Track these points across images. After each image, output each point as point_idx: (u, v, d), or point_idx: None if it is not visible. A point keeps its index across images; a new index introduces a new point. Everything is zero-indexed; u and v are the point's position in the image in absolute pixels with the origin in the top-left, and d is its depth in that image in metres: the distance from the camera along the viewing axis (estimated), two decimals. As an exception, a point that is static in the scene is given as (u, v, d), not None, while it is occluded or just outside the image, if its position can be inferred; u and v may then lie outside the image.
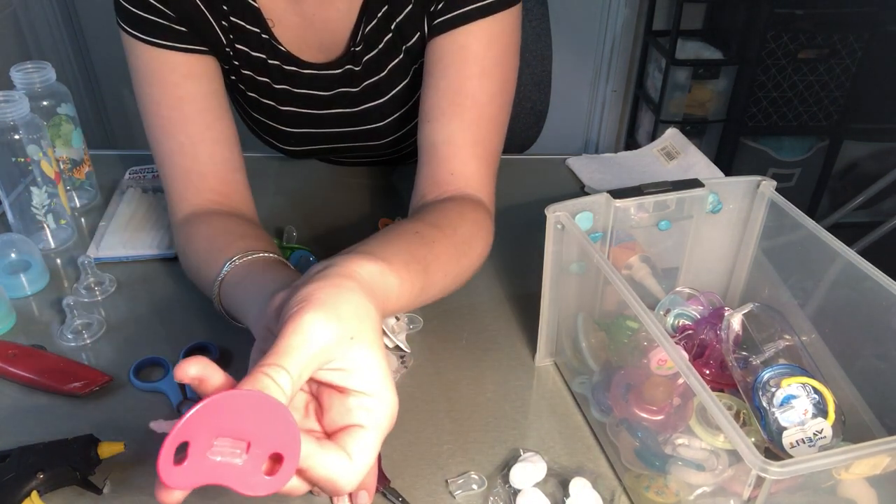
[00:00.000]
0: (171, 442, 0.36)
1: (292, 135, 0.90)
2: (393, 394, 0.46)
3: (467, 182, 0.74)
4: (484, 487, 0.60)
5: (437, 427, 0.66)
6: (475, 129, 0.74)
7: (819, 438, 0.53)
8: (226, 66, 0.80)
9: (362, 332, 0.45)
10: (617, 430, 0.61)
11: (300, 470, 0.41)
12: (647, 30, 2.38)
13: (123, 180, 1.00)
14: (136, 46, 0.73)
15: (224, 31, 0.76)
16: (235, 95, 0.87)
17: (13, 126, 0.79)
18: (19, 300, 0.79)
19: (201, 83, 0.75)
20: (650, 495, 0.56)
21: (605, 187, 0.65)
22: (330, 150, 0.95)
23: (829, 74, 2.16)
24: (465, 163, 0.74)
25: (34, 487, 0.56)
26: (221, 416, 0.37)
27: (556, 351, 0.73)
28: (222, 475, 0.38)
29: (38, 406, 0.67)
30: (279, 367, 0.41)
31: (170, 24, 0.72)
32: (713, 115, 2.32)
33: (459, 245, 0.66)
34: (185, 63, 0.74)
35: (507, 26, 0.74)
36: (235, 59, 0.79)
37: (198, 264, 0.71)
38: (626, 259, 0.70)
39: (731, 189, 0.69)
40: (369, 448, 0.44)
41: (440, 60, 0.75)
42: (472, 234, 0.69)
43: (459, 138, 0.74)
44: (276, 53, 0.80)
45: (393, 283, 0.53)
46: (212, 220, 0.74)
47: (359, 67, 0.82)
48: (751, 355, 0.60)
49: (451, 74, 0.74)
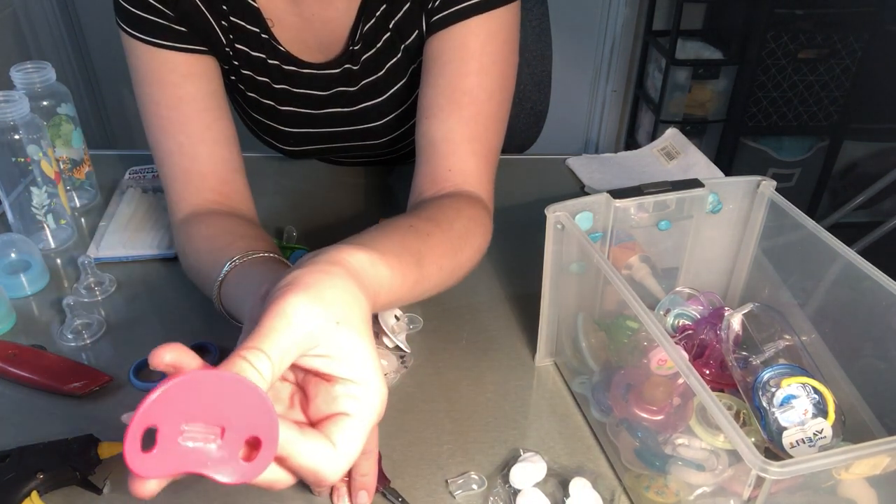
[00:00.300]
0: (137, 426, 0.34)
1: (291, 134, 0.90)
2: (381, 382, 0.44)
3: (465, 179, 0.74)
4: (484, 487, 0.60)
5: (437, 427, 0.66)
6: (473, 126, 0.74)
7: (819, 438, 0.53)
8: (225, 65, 0.80)
9: (349, 317, 0.44)
10: (617, 430, 0.61)
11: (281, 458, 0.40)
12: (647, 30, 2.38)
13: (123, 180, 1.00)
14: (136, 47, 0.73)
15: (224, 31, 0.76)
16: (235, 95, 0.87)
17: (13, 126, 0.79)
18: (19, 300, 0.79)
19: (201, 83, 0.75)
20: (650, 495, 0.56)
21: (605, 187, 0.65)
22: (328, 150, 0.95)
23: (829, 74, 2.16)
24: (464, 160, 0.74)
25: (34, 487, 0.56)
26: (191, 399, 0.35)
27: (556, 351, 0.73)
28: (196, 462, 0.36)
29: (38, 406, 0.67)
30: (258, 351, 0.39)
31: (169, 24, 0.72)
32: (713, 115, 2.32)
33: (455, 240, 0.65)
34: (185, 63, 0.74)
35: (505, 23, 0.74)
36: (235, 59, 0.79)
37: (198, 264, 0.71)
38: (626, 259, 0.70)
39: (731, 189, 0.69)
40: (355, 437, 0.43)
41: (439, 58, 0.75)
42: (468, 230, 0.68)
43: (458, 135, 0.74)
44: (275, 53, 0.80)
45: (384, 273, 0.52)
46: (212, 220, 0.73)
47: (357, 66, 0.82)
48: (751, 355, 0.60)
49: (449, 72, 0.74)
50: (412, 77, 0.83)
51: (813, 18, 2.08)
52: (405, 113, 0.88)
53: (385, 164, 1.08)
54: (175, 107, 0.74)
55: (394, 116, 0.88)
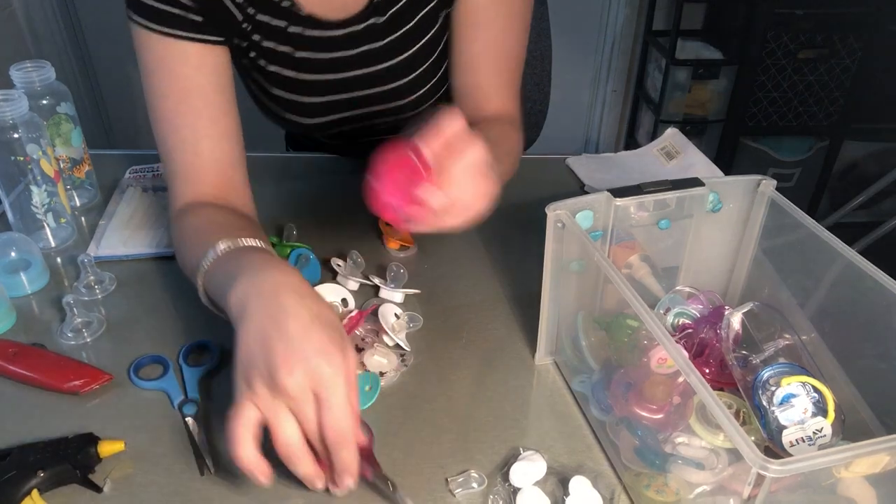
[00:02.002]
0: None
1: (314, 105, 0.90)
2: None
3: (501, 108, 0.87)
4: (484, 486, 0.60)
5: (437, 426, 0.66)
6: (508, 74, 0.87)
7: (819, 437, 0.54)
8: (244, 43, 0.81)
9: None
10: (617, 428, 0.61)
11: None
12: (647, 30, 2.38)
13: (123, 179, 1.00)
14: (148, 38, 0.73)
15: (239, 6, 0.77)
16: (253, 76, 0.88)
17: (12, 125, 0.79)
18: (19, 299, 0.79)
19: (211, 76, 0.75)
20: (650, 494, 0.56)
21: (605, 187, 0.65)
22: (351, 120, 0.96)
23: (829, 74, 2.16)
24: (498, 103, 0.87)
25: (35, 486, 0.56)
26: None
27: (556, 350, 0.73)
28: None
29: (38, 404, 0.67)
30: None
31: (184, 14, 0.72)
32: (713, 115, 2.32)
33: (494, 141, 0.74)
34: (197, 54, 0.74)
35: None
36: (255, 33, 0.80)
37: (186, 256, 0.71)
38: (626, 258, 0.70)
39: (732, 188, 0.69)
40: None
41: (482, 13, 0.84)
42: (502, 134, 0.83)
43: (494, 83, 0.87)
44: (297, 19, 0.81)
45: None
46: (204, 212, 0.74)
47: (383, 19, 0.83)
48: (750, 354, 0.60)
49: (495, 28, 0.84)
50: (441, 28, 0.87)
51: (813, 18, 2.08)
52: (431, 67, 0.90)
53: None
54: (183, 99, 0.74)
55: (419, 73, 0.90)
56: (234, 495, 0.59)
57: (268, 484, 0.53)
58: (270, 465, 0.53)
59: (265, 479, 0.52)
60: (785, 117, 2.24)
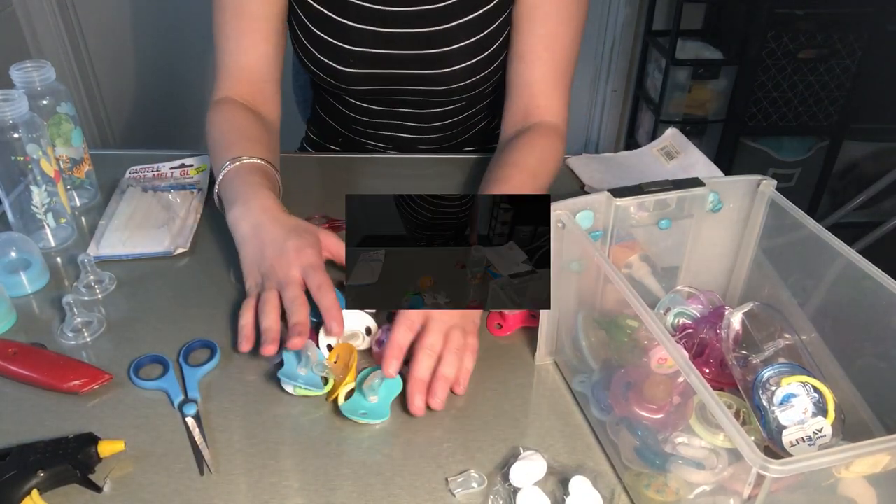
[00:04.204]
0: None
1: (354, 54, 0.94)
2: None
3: (550, 112, 0.91)
4: (484, 486, 0.60)
5: (436, 426, 0.66)
6: (562, 70, 0.91)
7: (819, 437, 0.54)
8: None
9: None
10: (617, 428, 0.61)
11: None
12: (647, 30, 2.38)
13: (123, 179, 1.00)
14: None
15: None
16: (297, 11, 0.95)
17: (12, 125, 0.79)
18: (19, 299, 0.79)
19: (263, 4, 0.90)
20: (650, 494, 0.56)
21: (605, 187, 0.65)
22: (388, 79, 0.98)
23: (829, 74, 2.16)
24: (551, 98, 0.92)
25: (34, 486, 0.56)
26: None
27: (556, 350, 0.73)
28: None
29: (38, 404, 0.67)
30: None
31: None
32: (713, 115, 2.32)
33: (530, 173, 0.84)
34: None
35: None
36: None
37: (210, 150, 0.89)
38: (627, 258, 0.70)
39: (732, 188, 0.69)
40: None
41: (541, 6, 0.89)
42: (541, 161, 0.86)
43: (550, 78, 0.91)
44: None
45: None
46: (233, 111, 0.90)
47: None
48: (751, 354, 0.60)
49: (551, 22, 0.89)
50: (495, 9, 0.91)
51: (813, 18, 2.08)
52: (471, 46, 0.93)
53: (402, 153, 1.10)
54: (236, 15, 0.90)
55: (460, 46, 0.93)
56: (234, 495, 0.59)
57: (245, 350, 0.68)
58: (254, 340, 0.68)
59: (247, 345, 0.68)
60: (785, 117, 2.24)
